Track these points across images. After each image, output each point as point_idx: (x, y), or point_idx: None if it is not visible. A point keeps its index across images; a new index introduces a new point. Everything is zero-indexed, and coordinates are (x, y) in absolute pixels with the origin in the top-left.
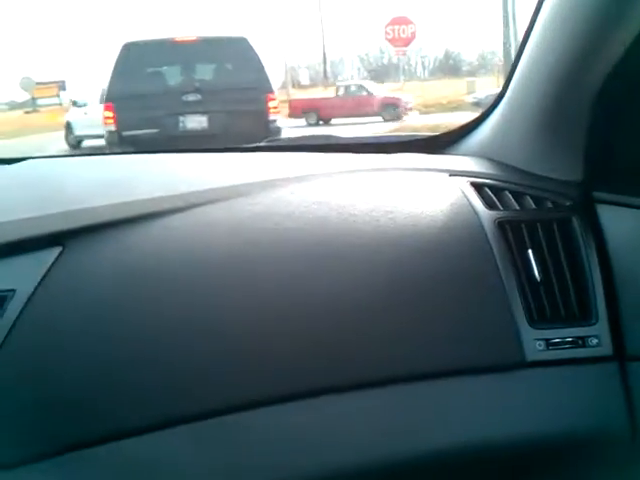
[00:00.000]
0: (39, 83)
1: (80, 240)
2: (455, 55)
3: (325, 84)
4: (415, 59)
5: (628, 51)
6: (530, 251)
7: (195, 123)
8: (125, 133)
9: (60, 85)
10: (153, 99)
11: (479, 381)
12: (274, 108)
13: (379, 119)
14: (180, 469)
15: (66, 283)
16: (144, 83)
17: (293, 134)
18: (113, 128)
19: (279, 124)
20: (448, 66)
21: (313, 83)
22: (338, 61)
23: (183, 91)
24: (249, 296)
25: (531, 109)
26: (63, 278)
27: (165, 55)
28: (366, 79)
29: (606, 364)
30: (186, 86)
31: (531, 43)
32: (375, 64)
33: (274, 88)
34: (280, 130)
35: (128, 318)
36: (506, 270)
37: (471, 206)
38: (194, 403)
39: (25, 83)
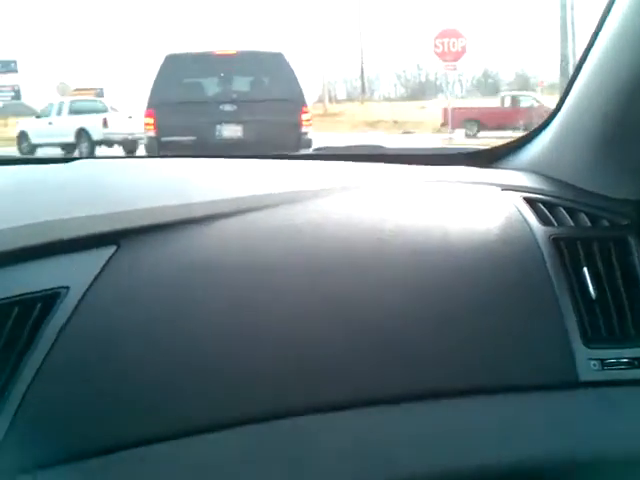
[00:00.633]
0: (77, 89)
1: (135, 240)
2: (494, 74)
3: (362, 99)
4: (453, 76)
5: None
6: (585, 269)
7: (231, 132)
8: (164, 139)
9: (98, 92)
10: (192, 108)
11: (532, 399)
12: (307, 121)
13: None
14: (234, 471)
15: (119, 282)
16: (184, 93)
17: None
18: (153, 134)
19: (310, 136)
20: (487, 85)
21: (350, 97)
22: (374, 77)
23: (220, 101)
24: (306, 302)
25: (588, 126)
26: (117, 277)
27: (204, 67)
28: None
29: None
30: (223, 97)
31: (591, 60)
32: (412, 81)
33: (308, 102)
34: (311, 142)
35: (181, 320)
36: (561, 287)
37: (525, 222)
38: (253, 405)
39: (62, 88)
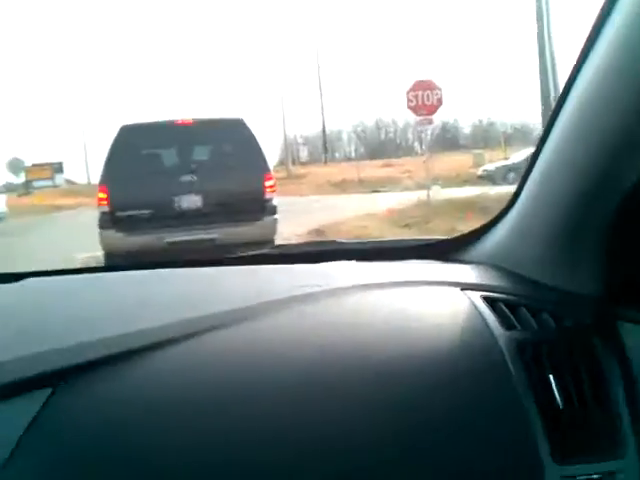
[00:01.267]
0: (35, 165)
1: (69, 380)
2: (452, 128)
3: (325, 159)
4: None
5: None
6: (551, 376)
7: (190, 202)
8: (118, 214)
9: (56, 167)
10: (148, 180)
11: None
12: (270, 187)
13: None
14: None
15: (54, 428)
16: (140, 165)
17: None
18: (107, 209)
19: (275, 202)
20: (445, 140)
21: (312, 158)
22: (335, 137)
23: (179, 172)
24: (262, 427)
25: (549, 215)
26: (52, 422)
27: (162, 137)
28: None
29: None
30: (182, 167)
31: (550, 144)
32: (372, 140)
33: (270, 164)
34: (275, 208)
35: (120, 464)
36: (527, 397)
37: (487, 326)
38: None
39: (13, 164)
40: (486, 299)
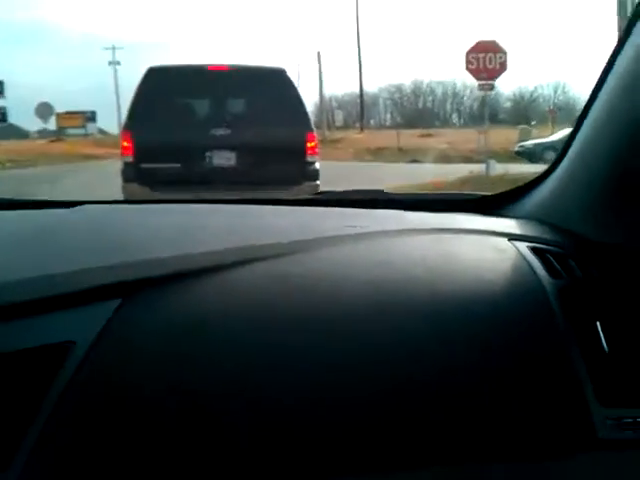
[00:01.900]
0: (68, 112)
1: (139, 293)
2: (492, 101)
3: (360, 126)
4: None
5: None
6: (598, 323)
7: (223, 160)
8: (143, 165)
9: (89, 116)
10: (177, 130)
11: (549, 462)
12: (312, 149)
13: None
14: None
15: (124, 337)
16: (168, 112)
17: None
18: (130, 159)
19: (317, 166)
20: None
21: (346, 124)
22: (370, 100)
23: (211, 124)
24: (318, 356)
25: (594, 173)
26: (121, 331)
27: (193, 83)
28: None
29: None
30: (214, 118)
31: (599, 104)
32: (409, 108)
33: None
34: (318, 173)
35: (188, 374)
36: (572, 342)
37: (534, 274)
38: (253, 469)
39: (41, 109)
40: (533, 249)
